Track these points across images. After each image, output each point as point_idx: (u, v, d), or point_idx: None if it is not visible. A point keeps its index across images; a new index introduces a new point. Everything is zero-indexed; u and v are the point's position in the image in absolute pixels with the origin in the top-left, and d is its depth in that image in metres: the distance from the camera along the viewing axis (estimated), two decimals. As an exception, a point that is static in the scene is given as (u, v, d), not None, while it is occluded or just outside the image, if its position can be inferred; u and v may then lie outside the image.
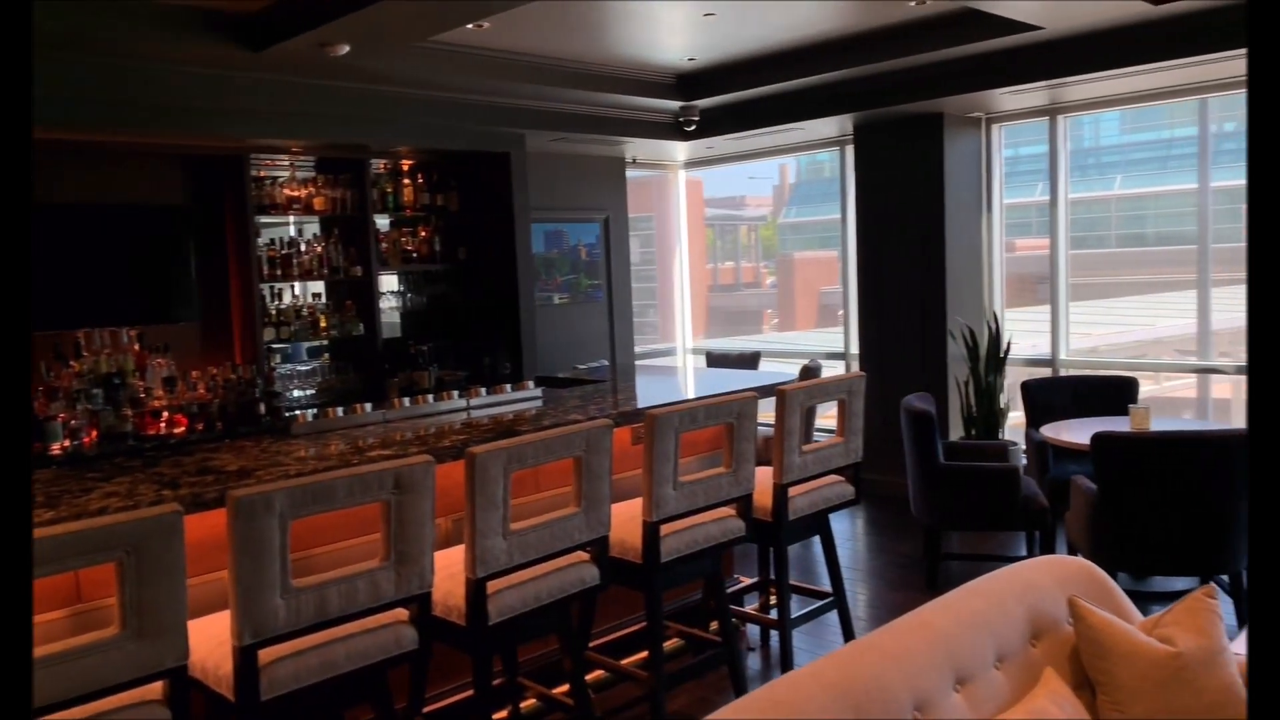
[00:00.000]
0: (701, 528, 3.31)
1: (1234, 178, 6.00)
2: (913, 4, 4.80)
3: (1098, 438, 4.01)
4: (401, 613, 2.59)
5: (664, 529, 3.16)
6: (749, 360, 7.36)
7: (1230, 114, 6.12)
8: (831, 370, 7.04)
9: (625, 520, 3.27)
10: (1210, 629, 2.39)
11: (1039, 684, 2.29)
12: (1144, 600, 4.52)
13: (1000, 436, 6.17)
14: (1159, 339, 7.71)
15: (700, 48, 5.69)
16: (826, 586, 4.04)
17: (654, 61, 5.95)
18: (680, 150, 7.74)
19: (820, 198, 7.57)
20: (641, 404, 3.92)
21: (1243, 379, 6.13)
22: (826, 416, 6.20)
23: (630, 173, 8.00)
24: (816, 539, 3.99)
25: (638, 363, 7.92)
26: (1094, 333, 7.85)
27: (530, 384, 4.30)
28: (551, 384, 4.82)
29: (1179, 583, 4.77)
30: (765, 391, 3.82)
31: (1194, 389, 6.64)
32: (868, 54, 5.58)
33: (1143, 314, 7.85)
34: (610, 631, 3.93)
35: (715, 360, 7.59)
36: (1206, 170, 6.00)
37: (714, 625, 4.00)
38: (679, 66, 6.13)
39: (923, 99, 5.97)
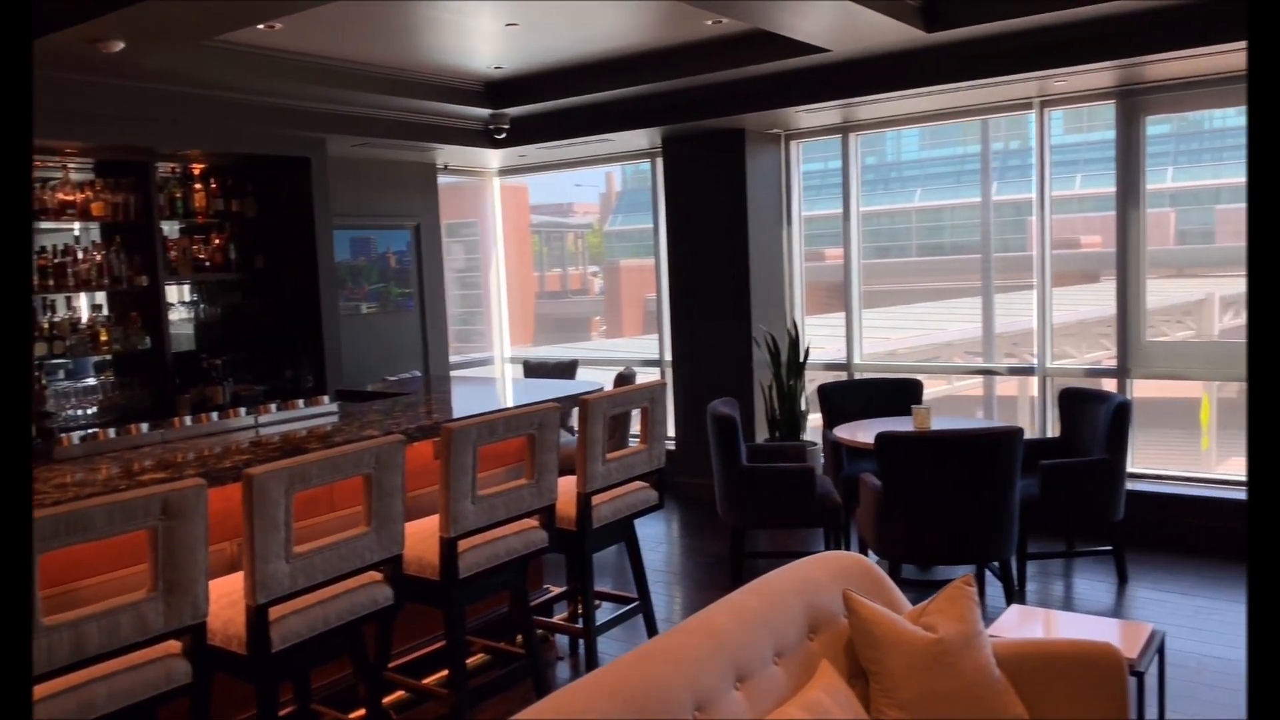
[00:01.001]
0: (503, 541, 3.29)
1: (1014, 192, 6.50)
2: (709, 23, 4.97)
3: (880, 437, 4.26)
4: (174, 645, 2.44)
5: (463, 544, 3.13)
6: (566, 369, 7.39)
7: (1012, 133, 6.64)
8: (646, 377, 7.16)
9: (424, 537, 3.21)
10: (968, 615, 2.58)
11: (815, 676, 2.41)
12: (930, 589, 4.83)
13: (802, 438, 6.46)
14: (950, 342, 8.27)
15: (506, 57, 5.68)
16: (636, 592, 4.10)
17: (461, 68, 5.89)
18: (494, 157, 7.69)
19: (645, 206, 7.72)
20: (448, 416, 3.87)
21: (1020, 379, 6.67)
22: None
23: (449, 179, 7.88)
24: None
25: (454, 373, 7.81)
26: (893, 337, 8.34)
27: (325, 399, 4.16)
28: (354, 397, 4.67)
29: (960, 570, 5.13)
30: (569, 401, 3.84)
31: (981, 389, 7.16)
32: (672, 70, 5.72)
33: (938, 319, 8.40)
34: (417, 649, 3.84)
35: (533, 369, 7.58)
36: (989, 185, 6.48)
37: (520, 638, 3.98)
38: (487, 74, 6.09)
39: (725, 115, 6.18)
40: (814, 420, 6.72)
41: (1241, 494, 5.42)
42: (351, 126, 6.16)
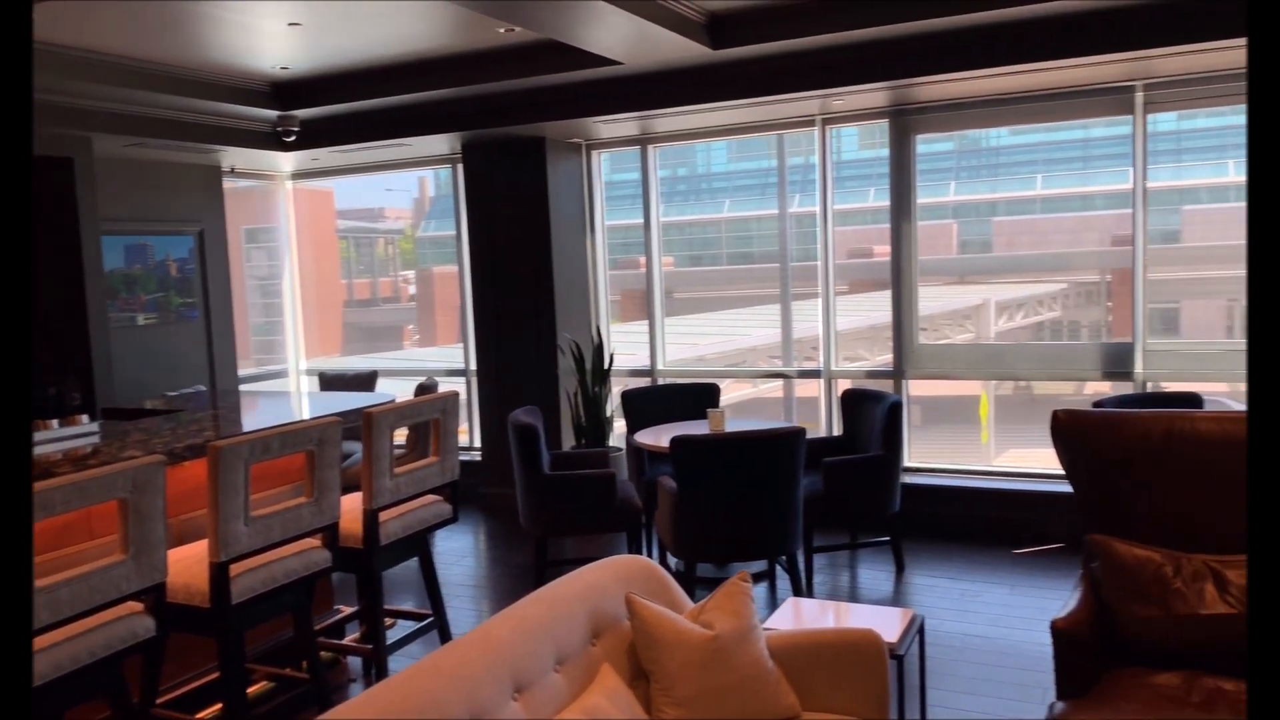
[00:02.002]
0: (280, 563, 3.15)
1: (810, 204, 6.82)
2: (501, 30, 4.95)
3: (674, 441, 4.37)
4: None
5: (235, 568, 2.97)
6: (365, 381, 7.16)
7: (811, 148, 6.96)
8: (452, 387, 7.04)
9: (194, 562, 3.03)
10: (743, 610, 2.68)
11: (595, 680, 2.44)
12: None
13: (608, 444, 6.53)
14: (755, 347, 8.58)
15: (292, 57, 5.46)
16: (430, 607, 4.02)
17: (243, 67, 5.61)
18: (285, 160, 7.37)
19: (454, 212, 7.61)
20: (226, 433, 3.66)
21: (813, 382, 7.00)
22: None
23: (243, 183, 7.48)
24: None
25: (244, 388, 7.41)
26: (701, 343, 8.57)
27: (84, 418, 3.85)
28: (127, 415, 4.35)
29: (754, 566, 5.33)
30: (352, 415, 3.73)
31: (782, 391, 7.47)
32: (469, 75, 5.67)
33: (744, 325, 8.70)
34: (196, 679, 3.62)
35: (329, 382, 7.29)
36: (785, 197, 6.78)
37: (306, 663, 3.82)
38: (272, 75, 5.83)
39: (523, 123, 6.18)
40: (622, 426, 6.82)
41: (1013, 483, 5.90)
42: (122, 126, 5.74)
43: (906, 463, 6.28)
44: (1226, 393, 6.11)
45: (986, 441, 7.21)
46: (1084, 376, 5.94)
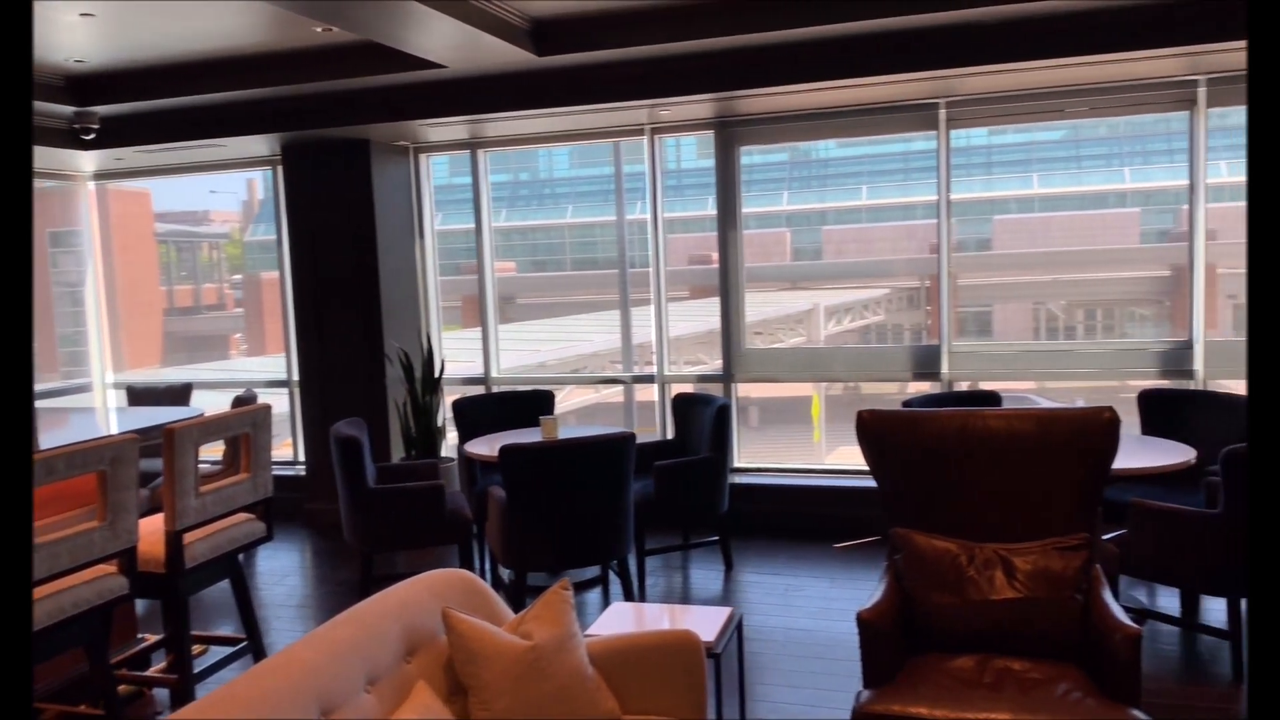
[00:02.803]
0: (69, 593, 2.92)
1: (643, 211, 6.89)
2: (319, 30, 4.79)
3: (502, 450, 4.33)
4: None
5: (14, 601, 2.73)
6: (179, 394, 6.76)
7: (640, 156, 7.04)
8: (271, 399, 6.74)
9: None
10: (562, 618, 2.68)
11: (409, 698, 2.38)
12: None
13: (439, 455, 6.41)
14: (596, 353, 8.61)
15: (89, 49, 5.10)
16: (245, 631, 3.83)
17: (34, 59, 5.19)
18: (86, 160, 6.87)
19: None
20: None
21: (641, 387, 7.08)
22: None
23: (41, 183, 6.91)
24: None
25: (41, 404, 6.85)
26: (543, 349, 8.53)
27: None
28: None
29: (589, 572, 5.35)
30: (154, 432, 3.51)
31: (622, 396, 7.52)
32: (288, 74, 5.44)
33: (586, 330, 8.72)
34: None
35: (139, 396, 6.85)
36: (622, 204, 6.83)
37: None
38: (66, 68, 5.43)
39: (345, 125, 5.99)
40: (455, 437, 6.70)
41: (836, 480, 6.15)
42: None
43: (736, 463, 6.46)
44: (1035, 390, 6.59)
45: (819, 440, 7.51)
46: (896, 377, 6.26)
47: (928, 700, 2.63)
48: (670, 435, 6.39)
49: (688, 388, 6.38)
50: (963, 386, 6.08)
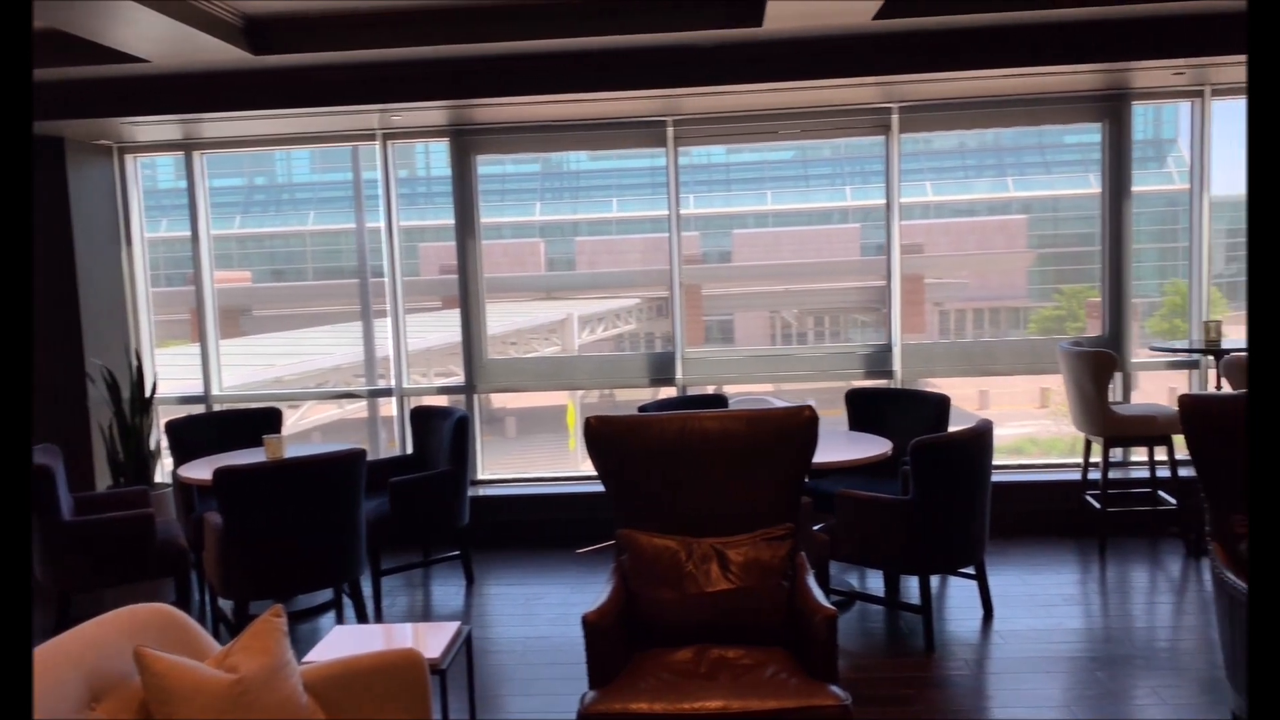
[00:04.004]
0: None
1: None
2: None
3: (216, 473, 4.05)
4: None
5: None
6: None
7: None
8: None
9: None
10: (274, 647, 2.53)
11: (92, 751, 2.17)
12: (293, 621, 4.72)
13: (153, 481, 5.90)
14: (339, 366, 8.23)
15: None
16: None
17: None
18: None
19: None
20: None
21: (369, 401, 6.86)
22: None
23: None
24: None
25: None
26: (279, 363, 8.04)
27: None
28: None
29: (324, 595, 5.11)
30: None
31: (366, 411, 7.23)
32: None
33: (329, 342, 8.30)
34: None
35: None
36: (362, 211, 6.57)
37: None
38: None
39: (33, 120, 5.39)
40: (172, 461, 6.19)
41: (580, 486, 6.21)
42: None
43: (481, 475, 6.40)
44: (773, 392, 6.99)
45: (574, 448, 7.58)
46: (635, 384, 6.46)
47: (647, 695, 2.72)
48: (410, 450, 6.24)
49: (437, 400, 6.26)
50: (710, 390, 6.37)
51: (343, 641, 3.16)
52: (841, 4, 4.37)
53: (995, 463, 4.43)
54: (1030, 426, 7.83)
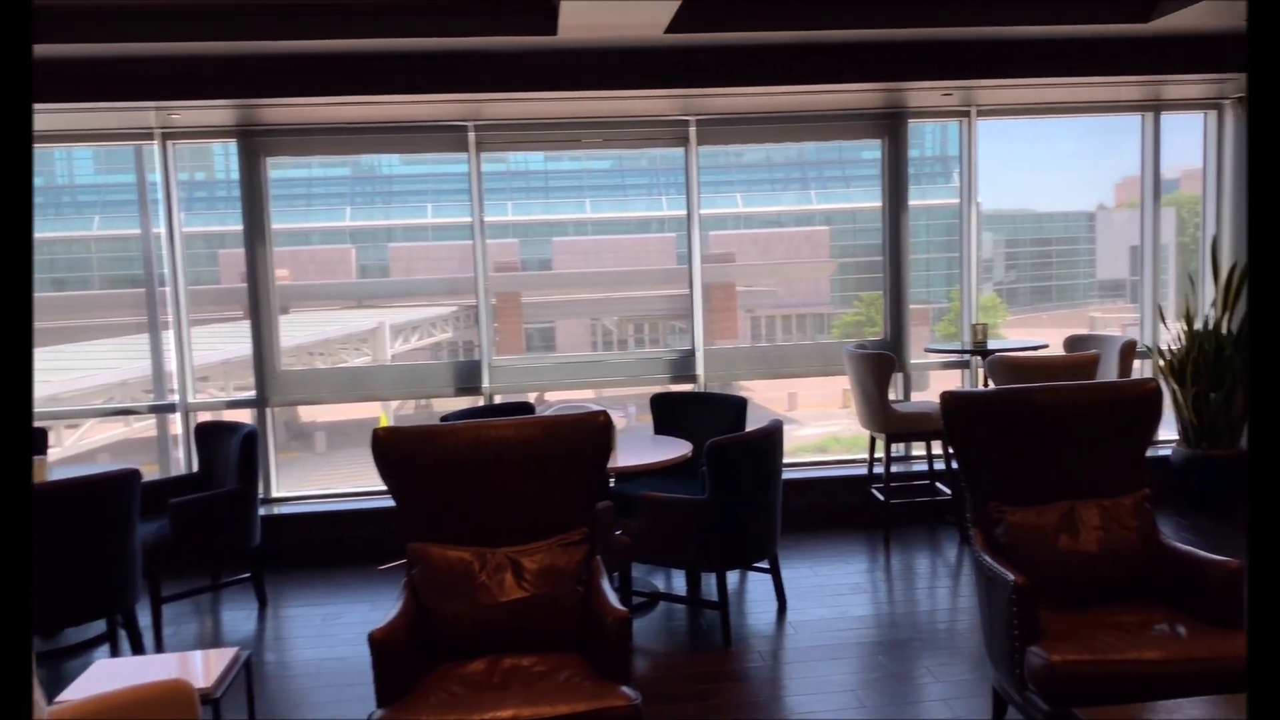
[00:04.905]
0: None
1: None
2: None
3: (-39, 501, 3.67)
4: None
5: None
6: None
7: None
8: None
9: None
10: (17, 688, 2.32)
11: None
12: (60, 658, 4.35)
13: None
14: (126, 381, 7.64)
15: None
16: None
17: None
18: None
19: None
20: None
21: (158, 418, 6.42)
22: None
23: None
24: None
25: None
26: (56, 379, 7.39)
27: None
28: None
29: (95, 629, 4.73)
30: None
31: (155, 429, 6.74)
32: None
33: (114, 355, 7.70)
34: None
35: None
36: (147, 216, 6.12)
37: None
38: None
39: None
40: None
41: (380, 501, 6.01)
42: None
43: (275, 493, 6.11)
44: (593, 398, 7.01)
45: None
46: (440, 393, 6.34)
47: (437, 709, 2.66)
48: (196, 468, 5.88)
49: (228, 415, 5.91)
50: (532, 398, 6.31)
51: (105, 676, 2.92)
52: (633, 17, 4.47)
53: (795, 460, 4.63)
54: (834, 426, 8.26)
